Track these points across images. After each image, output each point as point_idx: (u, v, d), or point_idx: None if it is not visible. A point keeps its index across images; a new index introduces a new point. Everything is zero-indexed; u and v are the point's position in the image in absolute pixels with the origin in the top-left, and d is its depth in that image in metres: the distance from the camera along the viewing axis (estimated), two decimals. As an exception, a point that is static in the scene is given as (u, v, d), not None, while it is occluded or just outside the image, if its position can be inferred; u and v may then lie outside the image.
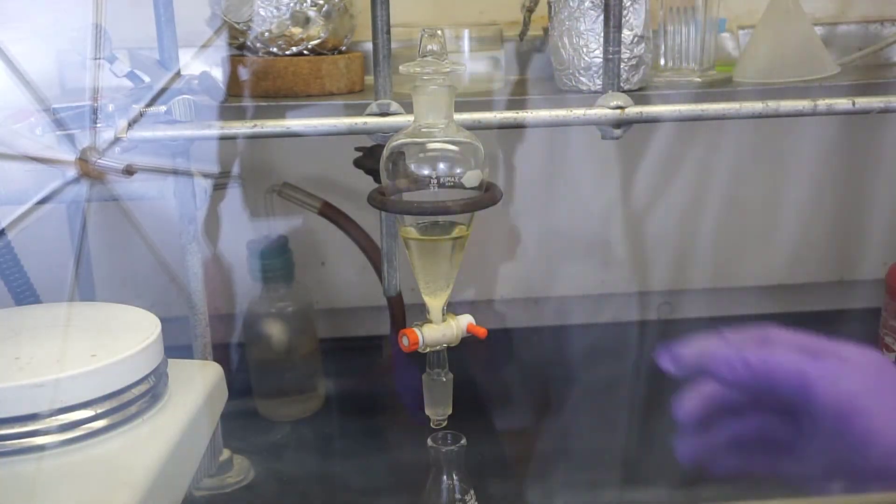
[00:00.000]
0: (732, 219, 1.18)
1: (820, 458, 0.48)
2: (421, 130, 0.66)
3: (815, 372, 0.47)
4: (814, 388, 0.46)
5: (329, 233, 1.06)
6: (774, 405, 0.50)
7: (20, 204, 0.68)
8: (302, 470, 0.96)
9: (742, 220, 1.19)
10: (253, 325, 1.02)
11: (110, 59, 0.78)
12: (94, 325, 0.66)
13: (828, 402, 0.46)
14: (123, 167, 0.70)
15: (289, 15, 0.89)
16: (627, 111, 0.79)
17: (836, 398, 0.46)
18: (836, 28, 1.10)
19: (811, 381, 0.47)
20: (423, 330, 0.69)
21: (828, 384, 0.46)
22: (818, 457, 0.48)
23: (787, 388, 0.47)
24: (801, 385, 0.47)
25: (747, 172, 1.17)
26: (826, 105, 0.80)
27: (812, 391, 0.46)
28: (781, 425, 0.50)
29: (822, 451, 0.48)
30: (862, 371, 0.48)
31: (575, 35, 0.88)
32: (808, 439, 0.49)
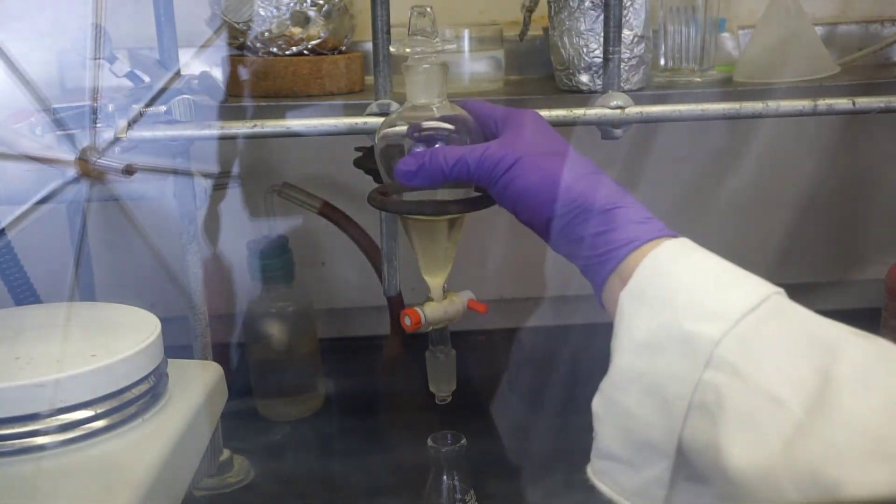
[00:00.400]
0: (732, 219, 1.18)
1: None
2: (415, 111, 0.68)
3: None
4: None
5: (329, 233, 1.06)
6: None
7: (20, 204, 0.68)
8: (302, 470, 0.96)
9: (742, 220, 1.19)
10: (253, 325, 1.02)
11: (110, 59, 0.78)
12: (94, 325, 0.66)
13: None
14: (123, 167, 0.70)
15: (289, 15, 0.89)
16: (627, 111, 0.79)
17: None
18: (836, 28, 1.10)
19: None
20: (425, 308, 0.69)
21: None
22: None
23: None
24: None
25: (747, 172, 1.17)
26: (826, 105, 0.80)
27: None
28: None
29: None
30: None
31: (575, 35, 0.88)
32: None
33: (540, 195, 0.59)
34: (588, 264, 0.58)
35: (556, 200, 0.58)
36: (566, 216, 0.58)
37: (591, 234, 0.57)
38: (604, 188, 0.58)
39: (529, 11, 1.00)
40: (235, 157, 1.04)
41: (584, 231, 0.57)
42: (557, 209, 0.58)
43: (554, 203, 0.58)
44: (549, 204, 0.58)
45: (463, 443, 0.76)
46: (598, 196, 0.58)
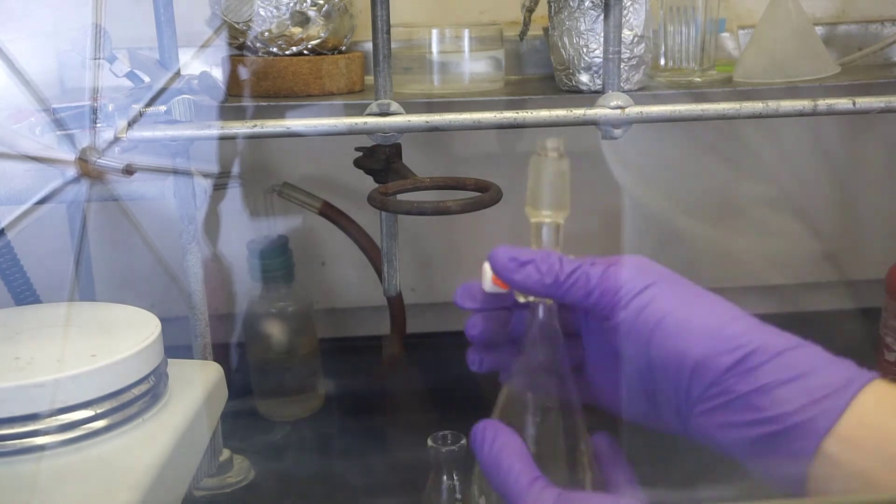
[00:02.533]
0: (732, 219, 1.18)
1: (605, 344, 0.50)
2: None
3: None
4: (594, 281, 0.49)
5: (329, 233, 1.06)
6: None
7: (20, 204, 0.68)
8: (302, 470, 0.96)
9: (742, 220, 1.19)
10: (253, 325, 1.02)
11: (110, 59, 0.78)
12: (94, 325, 0.66)
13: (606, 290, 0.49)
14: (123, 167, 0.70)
15: (289, 15, 0.89)
16: (627, 111, 0.79)
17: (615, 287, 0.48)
18: (836, 28, 1.10)
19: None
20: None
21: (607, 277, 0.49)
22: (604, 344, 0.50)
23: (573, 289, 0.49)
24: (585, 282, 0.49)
25: (747, 172, 1.17)
26: (826, 105, 0.80)
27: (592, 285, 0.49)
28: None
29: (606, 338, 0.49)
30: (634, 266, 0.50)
31: (575, 35, 0.88)
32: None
33: (687, 324, 0.45)
34: (779, 429, 0.42)
35: (715, 333, 0.44)
36: (732, 354, 0.43)
37: (778, 382, 0.42)
38: (766, 327, 0.46)
39: (529, 11, 1.00)
40: (235, 157, 1.04)
41: (762, 377, 0.43)
42: (718, 344, 0.44)
43: (711, 336, 0.44)
44: (703, 337, 0.44)
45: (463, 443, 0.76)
46: (768, 331, 0.45)
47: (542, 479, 0.45)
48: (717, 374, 0.43)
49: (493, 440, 0.48)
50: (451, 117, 0.79)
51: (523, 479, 0.45)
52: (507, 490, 0.46)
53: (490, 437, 0.48)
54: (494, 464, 0.47)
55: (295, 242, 1.05)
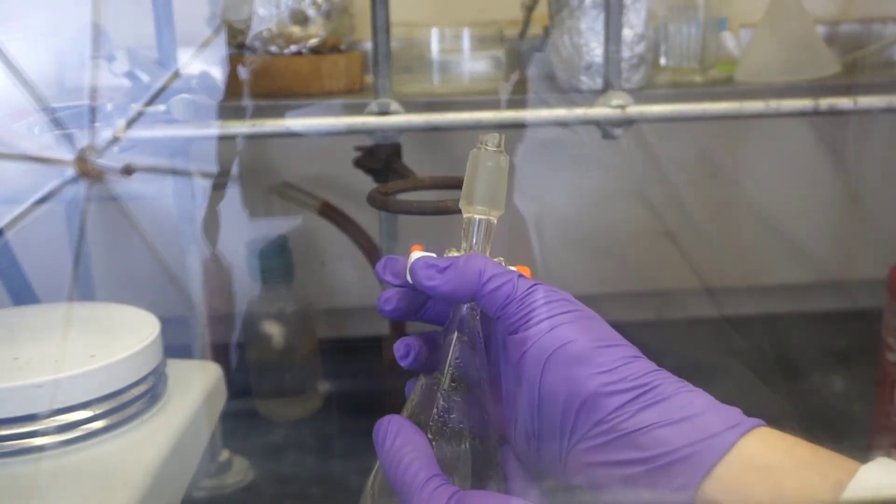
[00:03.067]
0: (732, 219, 1.18)
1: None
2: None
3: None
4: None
5: (329, 233, 1.06)
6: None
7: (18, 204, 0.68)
8: (301, 470, 0.96)
9: (742, 221, 1.19)
10: (252, 325, 1.02)
11: (109, 59, 0.78)
12: (93, 326, 0.66)
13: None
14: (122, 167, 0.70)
15: (288, 14, 0.89)
16: (628, 110, 0.79)
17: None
18: (837, 27, 1.10)
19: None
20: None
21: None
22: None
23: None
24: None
25: (747, 172, 1.17)
26: (828, 104, 0.79)
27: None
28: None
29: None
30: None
31: (575, 34, 0.88)
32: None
33: (587, 357, 0.44)
34: (658, 466, 0.41)
35: (613, 371, 0.43)
36: (624, 394, 0.43)
37: (662, 422, 0.42)
38: (662, 372, 0.45)
39: (529, 10, 1.00)
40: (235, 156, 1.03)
41: (648, 417, 0.42)
42: (614, 382, 0.43)
43: (608, 373, 0.43)
44: (601, 372, 0.43)
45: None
46: (663, 375, 0.44)
47: (439, 477, 0.44)
48: (606, 412, 0.43)
49: (396, 436, 0.48)
50: (451, 117, 0.79)
51: (420, 477, 0.45)
52: (403, 487, 0.45)
53: (392, 433, 0.48)
54: (394, 460, 0.47)
55: (295, 242, 1.04)
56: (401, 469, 0.46)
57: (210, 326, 0.84)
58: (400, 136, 0.82)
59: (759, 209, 1.19)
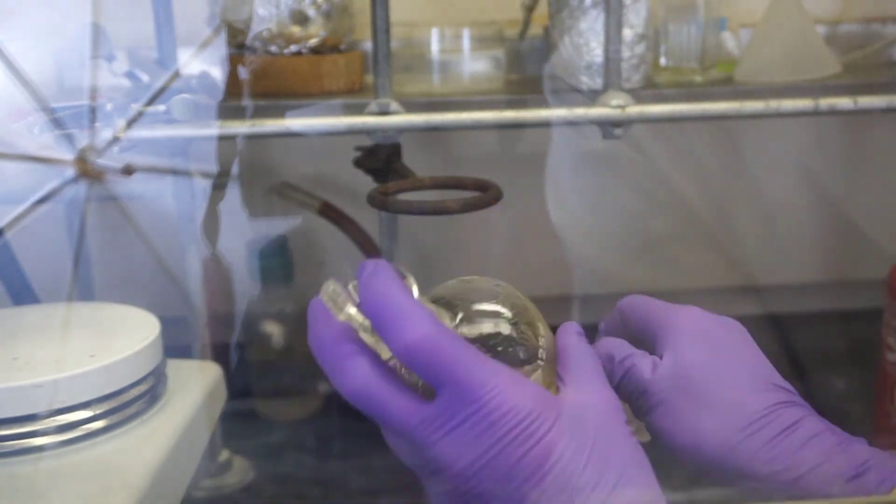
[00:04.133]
0: (731, 218, 1.18)
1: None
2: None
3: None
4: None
5: (329, 233, 1.06)
6: None
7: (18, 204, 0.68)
8: (302, 470, 0.96)
9: (742, 220, 1.19)
10: (252, 325, 1.02)
11: (109, 58, 0.78)
12: (92, 326, 0.66)
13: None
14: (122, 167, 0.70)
15: (288, 14, 0.89)
16: (628, 110, 0.79)
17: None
18: (837, 27, 1.10)
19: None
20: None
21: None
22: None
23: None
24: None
25: (747, 172, 1.17)
26: (828, 104, 0.79)
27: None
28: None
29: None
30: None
31: (575, 34, 0.88)
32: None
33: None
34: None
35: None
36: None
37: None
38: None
39: (529, 10, 1.00)
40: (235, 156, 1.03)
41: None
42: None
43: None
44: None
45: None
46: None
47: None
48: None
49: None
50: (451, 117, 0.79)
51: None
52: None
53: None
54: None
55: (294, 242, 1.04)
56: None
57: (210, 326, 0.84)
58: (400, 136, 0.82)
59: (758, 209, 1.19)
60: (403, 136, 0.83)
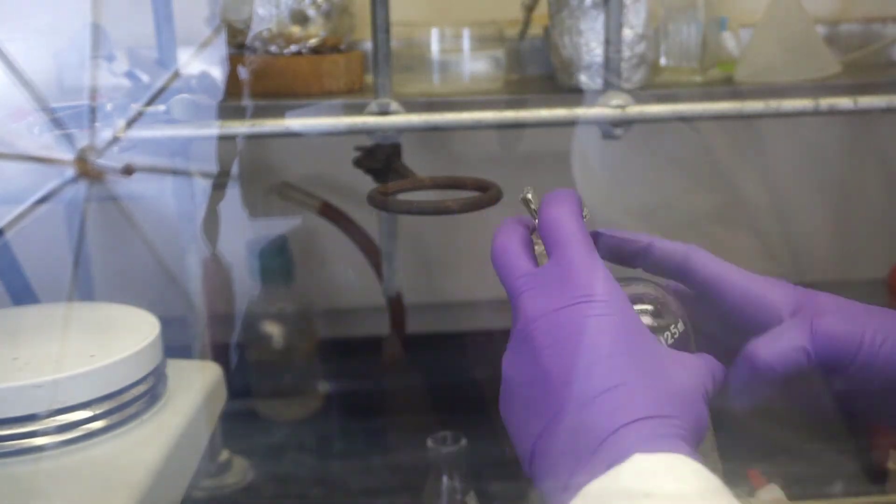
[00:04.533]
0: (732, 219, 1.18)
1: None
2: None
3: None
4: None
5: (329, 233, 1.06)
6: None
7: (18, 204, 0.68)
8: (301, 471, 0.96)
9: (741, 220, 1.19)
10: (252, 325, 1.02)
11: (109, 58, 0.78)
12: (93, 326, 0.66)
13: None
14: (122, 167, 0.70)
15: (288, 14, 0.89)
16: (628, 110, 0.79)
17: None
18: (837, 27, 1.10)
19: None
20: None
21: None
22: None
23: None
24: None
25: (747, 172, 1.17)
26: (828, 104, 0.79)
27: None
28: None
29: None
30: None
31: (575, 34, 0.88)
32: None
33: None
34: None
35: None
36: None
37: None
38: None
39: (529, 10, 1.00)
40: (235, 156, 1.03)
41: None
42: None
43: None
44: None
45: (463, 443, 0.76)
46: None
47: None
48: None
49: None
50: (451, 117, 0.79)
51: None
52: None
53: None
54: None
55: (295, 242, 1.04)
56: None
57: (210, 326, 0.84)
58: (400, 136, 0.82)
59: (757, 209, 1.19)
60: (403, 136, 0.83)
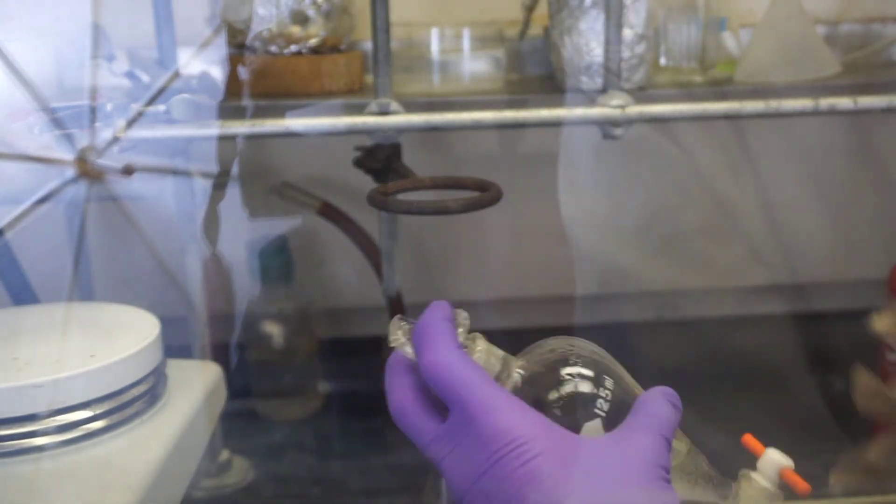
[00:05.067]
0: (732, 219, 1.18)
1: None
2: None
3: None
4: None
5: (329, 233, 1.06)
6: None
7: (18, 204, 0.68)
8: (301, 470, 0.96)
9: (742, 221, 1.19)
10: (252, 325, 1.02)
11: (109, 59, 0.78)
12: (93, 326, 0.66)
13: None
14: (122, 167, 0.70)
15: (288, 14, 0.89)
16: (628, 110, 0.79)
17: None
18: (837, 27, 1.10)
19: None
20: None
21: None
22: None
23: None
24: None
25: (747, 172, 1.17)
26: (828, 104, 0.79)
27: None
28: None
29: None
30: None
31: (575, 34, 0.88)
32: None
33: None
34: None
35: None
36: None
37: None
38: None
39: (529, 10, 1.00)
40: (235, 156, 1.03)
41: None
42: None
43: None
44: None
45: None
46: None
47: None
48: None
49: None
50: (451, 117, 0.79)
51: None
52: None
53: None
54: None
55: (295, 242, 1.04)
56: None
57: (210, 326, 0.84)
58: (400, 136, 0.82)
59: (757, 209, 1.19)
60: (403, 136, 0.83)
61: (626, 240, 1.17)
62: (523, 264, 1.16)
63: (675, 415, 0.47)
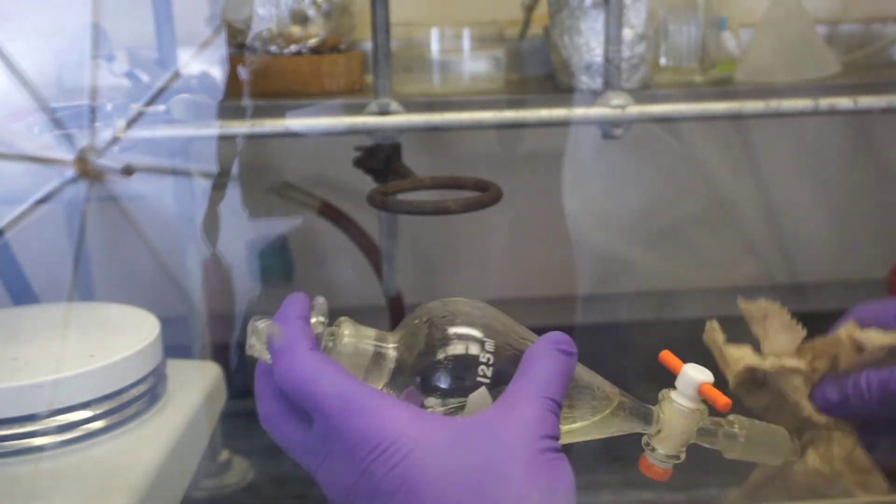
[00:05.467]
0: (732, 219, 1.18)
1: None
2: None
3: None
4: None
5: (329, 233, 1.06)
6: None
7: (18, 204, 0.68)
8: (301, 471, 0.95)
9: (742, 220, 1.19)
10: (252, 325, 1.02)
11: (109, 58, 0.78)
12: (92, 326, 0.66)
13: None
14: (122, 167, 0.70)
15: (288, 14, 0.89)
16: (628, 110, 0.79)
17: None
18: (837, 26, 1.10)
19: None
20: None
21: None
22: None
23: None
24: None
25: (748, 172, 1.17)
26: (828, 104, 0.79)
27: None
28: None
29: None
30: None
31: (575, 34, 0.88)
32: None
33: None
34: None
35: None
36: None
37: None
38: None
39: (529, 10, 1.00)
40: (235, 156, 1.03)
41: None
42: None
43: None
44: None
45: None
46: None
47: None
48: None
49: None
50: (451, 117, 0.79)
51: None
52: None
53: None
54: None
55: (295, 242, 1.04)
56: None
57: (210, 326, 0.84)
58: (400, 136, 0.82)
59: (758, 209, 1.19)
60: (403, 136, 0.83)
61: (628, 238, 1.17)
62: (523, 264, 1.16)
63: (566, 362, 0.44)
